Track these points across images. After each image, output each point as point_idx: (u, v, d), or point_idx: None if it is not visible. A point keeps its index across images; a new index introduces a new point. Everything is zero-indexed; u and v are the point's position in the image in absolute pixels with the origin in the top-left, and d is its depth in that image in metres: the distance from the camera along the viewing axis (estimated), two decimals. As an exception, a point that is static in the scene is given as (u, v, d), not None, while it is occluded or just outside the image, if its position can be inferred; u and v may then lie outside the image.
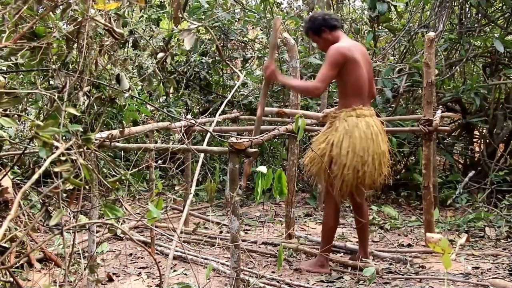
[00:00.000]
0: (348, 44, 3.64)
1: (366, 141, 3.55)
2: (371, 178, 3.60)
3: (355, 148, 3.53)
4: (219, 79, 7.26)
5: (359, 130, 3.55)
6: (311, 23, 3.76)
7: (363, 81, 3.62)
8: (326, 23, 3.69)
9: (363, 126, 3.57)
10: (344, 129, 3.58)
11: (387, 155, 3.69)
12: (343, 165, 3.54)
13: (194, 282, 3.22)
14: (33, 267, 3.48)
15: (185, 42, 2.15)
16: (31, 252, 3.33)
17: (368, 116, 3.63)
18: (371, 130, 3.58)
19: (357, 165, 3.54)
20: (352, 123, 3.57)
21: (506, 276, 3.59)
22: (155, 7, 6.56)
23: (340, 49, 3.55)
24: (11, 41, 1.94)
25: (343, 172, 3.55)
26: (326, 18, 3.71)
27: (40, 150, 1.64)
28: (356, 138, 3.54)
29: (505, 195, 5.37)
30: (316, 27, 3.71)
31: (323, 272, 3.71)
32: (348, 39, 3.78)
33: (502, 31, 6.09)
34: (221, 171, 6.11)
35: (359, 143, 3.53)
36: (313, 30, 3.74)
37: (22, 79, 5.25)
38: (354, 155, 3.53)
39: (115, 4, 2.12)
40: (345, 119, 3.60)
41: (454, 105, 6.45)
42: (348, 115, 3.60)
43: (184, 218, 3.07)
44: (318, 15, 3.77)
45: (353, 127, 3.56)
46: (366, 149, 3.54)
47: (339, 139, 3.57)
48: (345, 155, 3.54)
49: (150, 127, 4.13)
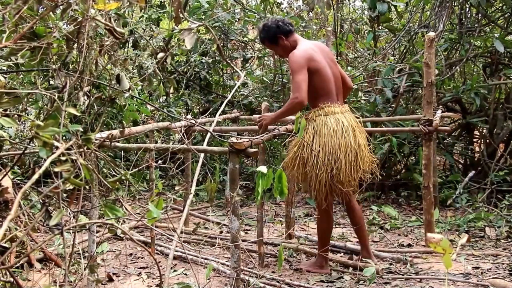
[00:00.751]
0: (305, 47, 3.62)
1: (337, 138, 3.53)
2: (347, 175, 3.56)
3: (326, 146, 3.52)
4: (219, 79, 7.26)
5: (328, 127, 3.54)
6: (265, 32, 3.72)
7: (328, 79, 3.62)
8: (281, 30, 3.67)
9: (332, 123, 3.55)
10: (313, 129, 3.58)
11: (365, 150, 3.65)
12: (315, 165, 3.53)
13: (194, 282, 3.22)
14: (33, 267, 3.48)
15: (186, 41, 2.15)
16: (31, 252, 3.33)
17: (339, 113, 3.61)
18: (341, 125, 3.56)
19: (329, 163, 3.51)
20: (320, 122, 3.57)
21: (506, 276, 3.59)
22: (155, 7, 6.56)
23: (299, 54, 3.55)
24: (11, 41, 1.94)
25: (316, 172, 3.53)
26: (279, 25, 3.68)
27: (40, 150, 1.64)
28: (325, 135, 3.53)
29: (505, 195, 5.37)
30: (271, 36, 3.69)
31: (323, 272, 3.70)
32: (305, 41, 3.76)
33: (502, 31, 6.09)
34: (221, 171, 6.11)
35: (329, 141, 3.52)
36: (269, 39, 3.72)
37: (22, 79, 5.25)
38: (325, 153, 3.52)
39: (115, 4, 2.12)
40: (313, 119, 3.60)
41: (454, 105, 6.45)
42: (316, 115, 3.60)
43: (184, 218, 3.06)
44: (271, 23, 3.71)
45: (322, 126, 3.56)
46: (338, 146, 3.52)
47: (309, 140, 3.57)
48: (316, 154, 3.53)
49: (150, 127, 4.13)
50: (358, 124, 3.68)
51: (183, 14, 2.21)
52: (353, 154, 3.56)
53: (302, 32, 6.74)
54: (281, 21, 3.70)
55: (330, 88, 3.63)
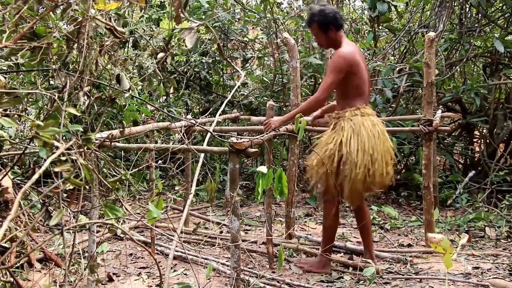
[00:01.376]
0: (351, 49, 3.60)
1: (374, 139, 3.53)
2: (380, 177, 3.57)
3: (364, 147, 3.50)
4: (219, 79, 7.26)
5: (366, 128, 3.54)
6: (321, 17, 3.60)
7: (365, 81, 3.63)
8: (336, 22, 3.61)
9: (369, 124, 3.55)
10: (351, 128, 3.55)
11: (391, 154, 3.67)
12: (354, 163, 3.50)
13: (194, 282, 3.22)
14: (33, 267, 3.48)
15: (187, 40, 2.14)
16: (31, 252, 3.32)
17: (371, 115, 3.63)
18: (377, 128, 3.57)
19: (368, 164, 3.50)
20: (358, 122, 3.55)
21: (506, 276, 3.59)
22: (155, 7, 6.56)
23: (346, 57, 3.53)
24: (12, 41, 1.94)
25: (355, 171, 3.50)
26: (337, 16, 3.62)
27: (40, 150, 1.64)
28: (363, 136, 3.52)
29: (505, 195, 5.37)
30: (325, 24, 3.60)
31: (324, 272, 3.70)
32: (348, 41, 3.73)
33: (502, 31, 6.09)
34: (221, 171, 6.11)
35: (368, 141, 3.51)
36: (320, 25, 3.62)
37: (23, 79, 5.25)
38: (364, 153, 3.50)
39: (116, 4, 2.12)
40: (350, 119, 3.57)
41: (454, 105, 6.45)
42: (353, 114, 3.58)
43: (184, 218, 3.06)
44: (329, 11, 3.60)
45: (360, 126, 3.54)
46: (375, 147, 3.52)
47: (347, 138, 3.53)
48: (355, 154, 3.49)
49: (150, 127, 4.13)
50: (384, 127, 3.70)
51: (183, 13, 2.20)
52: (385, 157, 3.57)
53: (303, 32, 6.74)
54: (338, 13, 3.64)
55: (366, 90, 3.64)
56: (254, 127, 5.09)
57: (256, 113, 6.48)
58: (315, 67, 6.34)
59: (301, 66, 5.71)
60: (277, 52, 6.73)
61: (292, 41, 4.37)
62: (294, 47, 4.35)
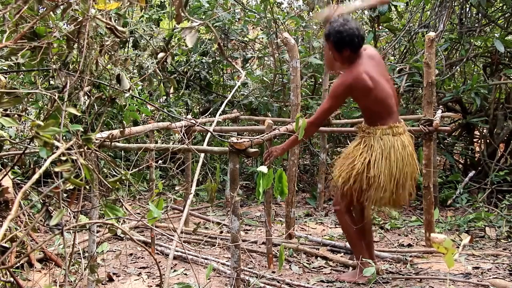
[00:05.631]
0: (358, 73, 3.33)
1: (402, 162, 3.38)
2: (404, 198, 3.48)
3: (392, 171, 3.35)
4: (220, 79, 7.27)
5: (395, 151, 3.37)
6: (336, 36, 3.34)
7: (386, 99, 3.40)
8: (352, 45, 3.34)
9: (399, 146, 3.38)
10: (380, 149, 3.37)
11: (417, 175, 3.54)
12: (381, 188, 3.35)
13: (194, 282, 3.22)
14: (34, 267, 3.48)
15: (187, 40, 2.14)
16: (32, 252, 3.32)
17: (403, 134, 3.44)
18: (407, 150, 3.41)
19: (393, 188, 3.38)
20: (389, 143, 3.37)
21: (506, 276, 3.59)
22: (155, 7, 6.56)
23: (347, 84, 3.34)
24: (12, 41, 1.94)
25: (380, 194, 3.37)
26: (354, 39, 3.32)
27: (40, 150, 1.64)
28: (393, 160, 3.36)
29: (505, 195, 5.37)
30: (339, 43, 3.35)
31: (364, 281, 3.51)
32: (361, 62, 3.39)
33: (503, 31, 6.09)
34: (221, 171, 6.11)
35: (396, 165, 3.36)
36: (334, 43, 3.37)
37: (23, 79, 5.24)
38: (391, 177, 3.36)
39: (116, 4, 2.12)
40: (380, 137, 3.39)
41: (454, 105, 6.45)
42: (384, 133, 3.39)
43: (185, 218, 3.06)
44: (347, 33, 3.32)
45: (390, 148, 3.36)
46: (402, 171, 3.38)
47: (375, 159, 3.36)
48: (383, 178, 3.34)
49: (150, 127, 4.13)
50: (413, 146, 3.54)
51: (184, 12, 2.20)
52: (411, 178, 3.46)
53: (302, 32, 6.74)
54: (357, 36, 3.32)
55: (393, 105, 3.43)
56: (254, 127, 5.10)
57: (256, 113, 6.48)
58: (315, 67, 6.34)
59: (301, 66, 5.71)
60: (277, 52, 6.72)
61: (292, 41, 4.37)
62: (294, 47, 4.35)
